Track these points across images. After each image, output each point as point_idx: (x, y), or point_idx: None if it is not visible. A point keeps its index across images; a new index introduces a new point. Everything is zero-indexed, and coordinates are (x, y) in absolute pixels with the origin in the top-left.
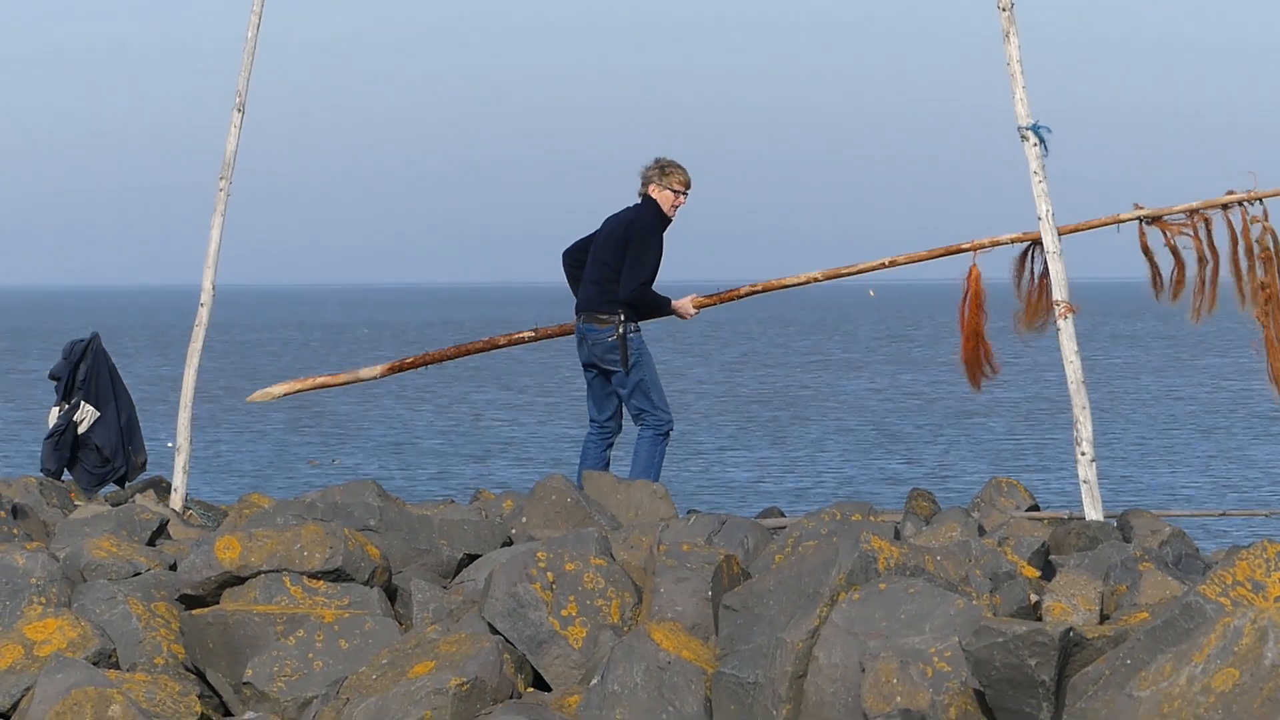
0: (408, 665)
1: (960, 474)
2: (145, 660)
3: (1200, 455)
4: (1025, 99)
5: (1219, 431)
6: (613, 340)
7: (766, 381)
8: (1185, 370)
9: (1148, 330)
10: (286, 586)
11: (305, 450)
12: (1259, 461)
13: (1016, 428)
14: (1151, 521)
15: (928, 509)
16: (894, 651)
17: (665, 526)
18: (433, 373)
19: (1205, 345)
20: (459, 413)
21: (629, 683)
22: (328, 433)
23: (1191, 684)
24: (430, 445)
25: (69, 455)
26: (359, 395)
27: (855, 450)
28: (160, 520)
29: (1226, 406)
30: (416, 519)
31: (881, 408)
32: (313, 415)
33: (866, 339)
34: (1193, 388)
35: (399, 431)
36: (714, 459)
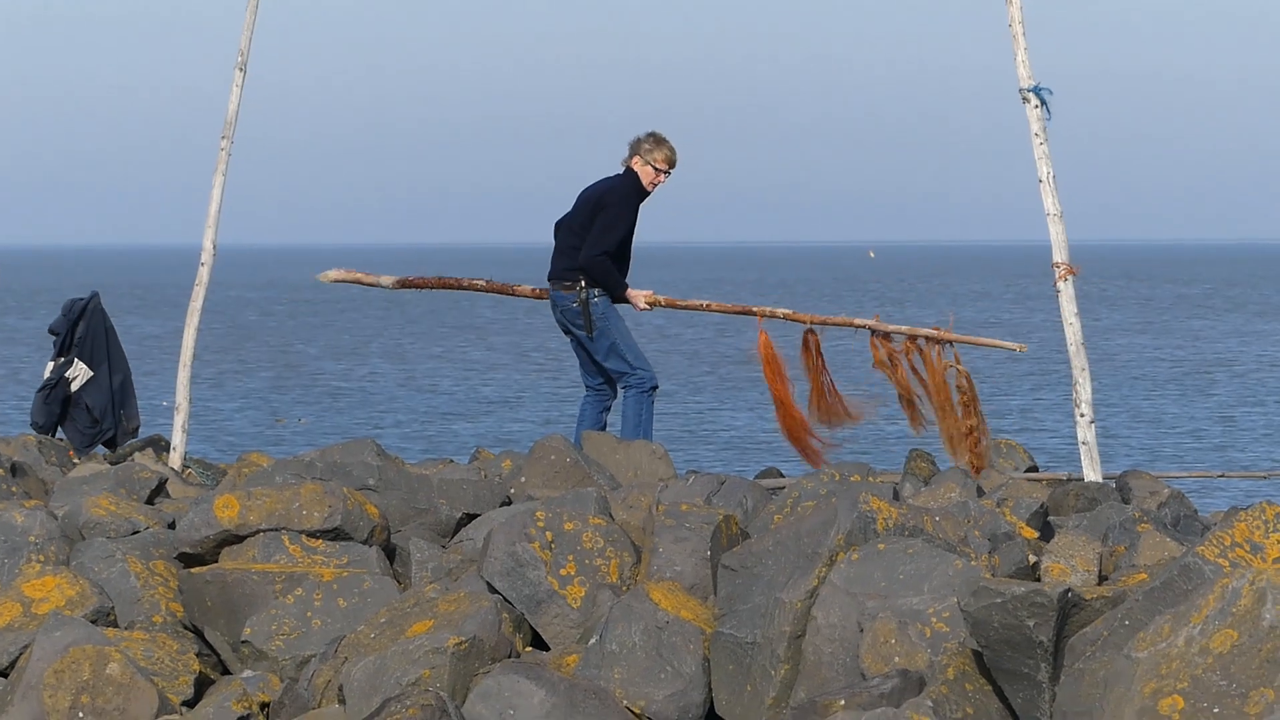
0: (406, 624)
1: None
2: (143, 618)
3: (1198, 417)
4: (1027, 61)
5: (1216, 392)
6: (576, 306)
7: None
8: (1175, 332)
9: (1134, 293)
10: (285, 545)
11: (302, 411)
12: (1258, 423)
13: (1012, 388)
14: (1150, 483)
15: (926, 470)
16: (892, 612)
17: (664, 486)
18: (425, 331)
19: (1198, 307)
20: (452, 372)
21: (627, 642)
22: (320, 393)
23: (1190, 645)
24: (426, 404)
25: (59, 411)
26: (351, 355)
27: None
28: (159, 479)
29: (1221, 368)
30: (415, 478)
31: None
32: (309, 375)
33: (865, 299)
34: (1185, 349)
35: (394, 391)
36: (712, 419)
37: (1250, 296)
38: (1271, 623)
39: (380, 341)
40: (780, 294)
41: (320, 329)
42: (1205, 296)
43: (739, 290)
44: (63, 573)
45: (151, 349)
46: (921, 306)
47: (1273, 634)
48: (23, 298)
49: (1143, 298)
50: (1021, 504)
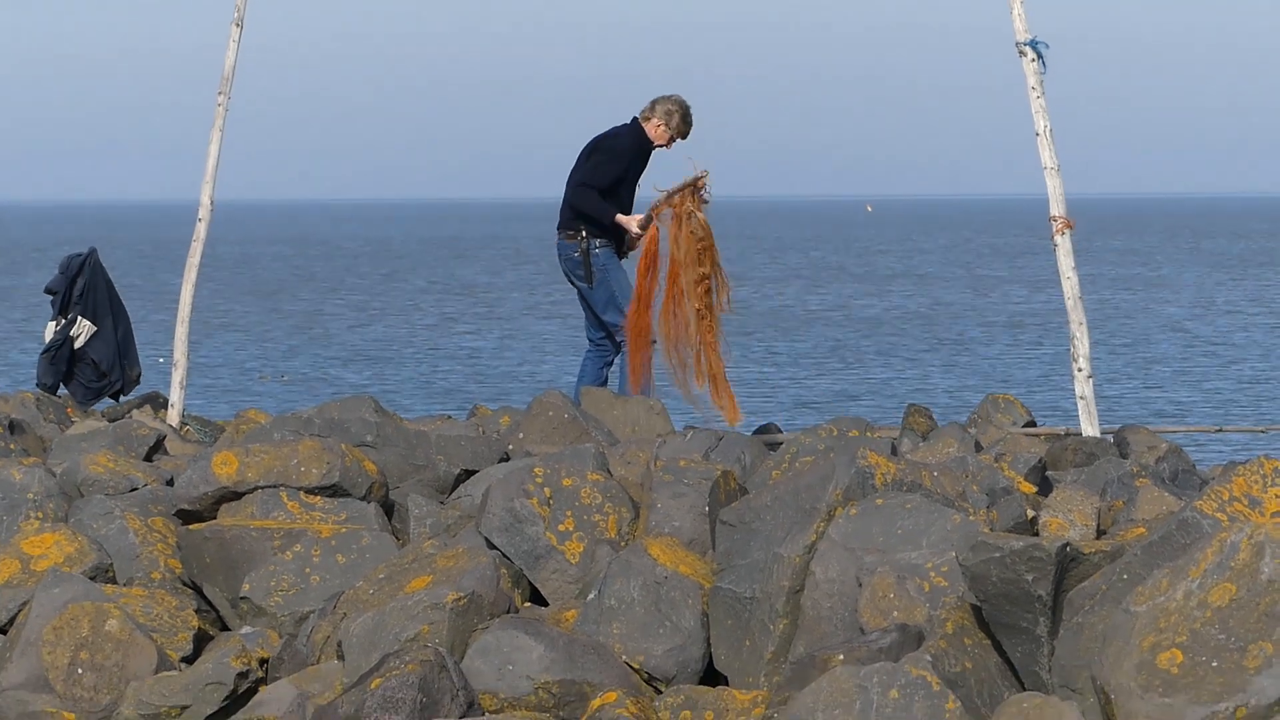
0: (405, 580)
1: (957, 390)
2: (142, 575)
3: (1195, 371)
4: (1023, 14)
5: (1216, 347)
6: (577, 256)
7: (760, 299)
8: (1169, 285)
9: (1132, 245)
10: (283, 502)
11: (297, 367)
12: (1255, 377)
13: (1010, 342)
14: (1148, 438)
15: (925, 425)
16: (891, 566)
17: (662, 442)
18: (424, 289)
19: (1197, 259)
20: (450, 329)
21: (626, 597)
22: (320, 349)
23: (1188, 599)
24: (425, 361)
25: (65, 369)
26: (354, 313)
27: (851, 367)
28: (157, 436)
29: (1219, 321)
30: (413, 435)
31: (875, 323)
32: (311, 338)
33: (859, 253)
34: (1179, 303)
35: (390, 347)
36: None
37: (1243, 248)
38: (1270, 576)
39: (381, 299)
40: (776, 252)
41: (317, 285)
42: (1199, 250)
43: (744, 245)
44: (61, 529)
45: (147, 303)
46: (917, 261)
47: (1271, 588)
48: (24, 253)
49: (1135, 250)
50: (1019, 459)
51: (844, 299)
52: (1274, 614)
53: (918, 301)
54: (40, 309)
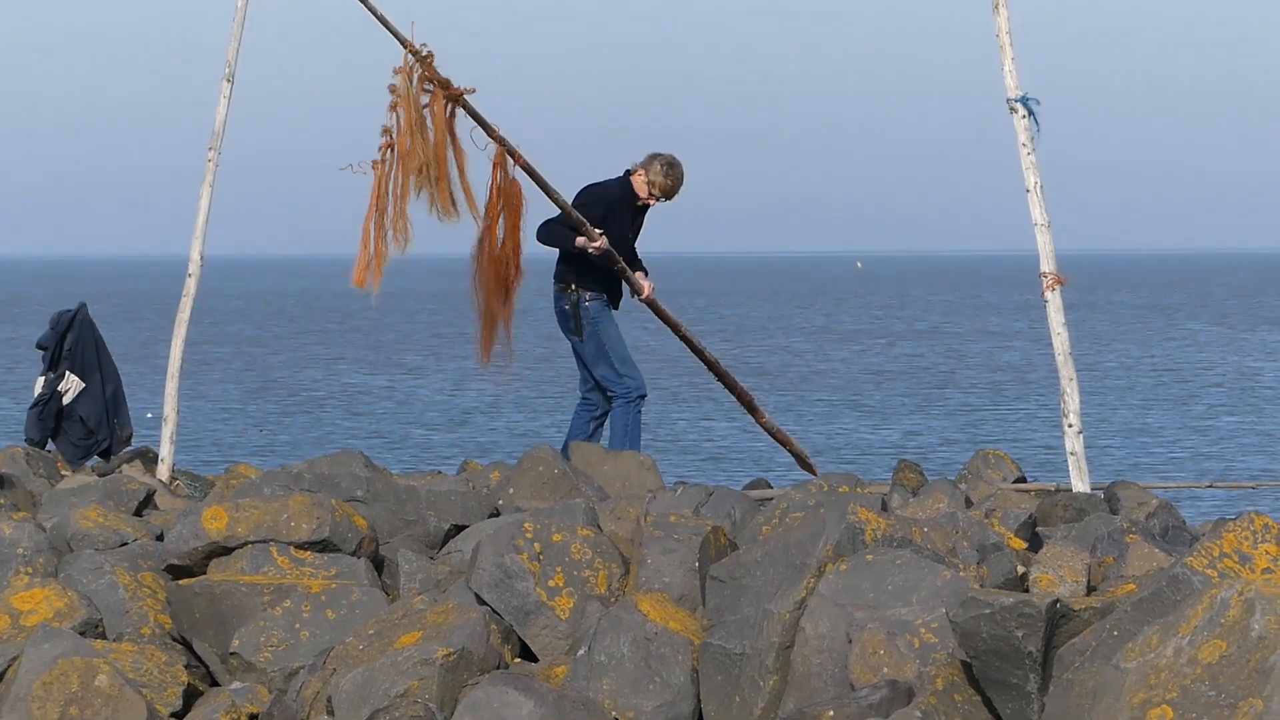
0: (395, 636)
1: (947, 446)
2: (132, 630)
3: (1184, 426)
4: (1014, 71)
5: (1202, 402)
6: (568, 308)
7: (750, 353)
8: (1162, 341)
9: (1114, 300)
10: (273, 557)
11: (287, 422)
12: (1244, 433)
13: (1000, 398)
14: (1139, 493)
15: (915, 480)
16: (881, 623)
17: (652, 498)
18: (402, 340)
19: (1182, 313)
20: (433, 382)
21: (616, 653)
22: (303, 403)
23: (1178, 655)
24: (409, 415)
25: (53, 425)
26: (332, 364)
27: (840, 422)
28: (147, 490)
29: (1207, 376)
30: (403, 490)
31: (865, 379)
32: (291, 391)
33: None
34: (1169, 359)
35: (379, 402)
36: (701, 430)
37: (1234, 306)
38: (1260, 633)
39: (360, 350)
40: (767, 302)
41: (301, 338)
42: (1189, 306)
43: (725, 300)
44: (51, 584)
45: (136, 359)
46: (911, 319)
47: (1261, 644)
48: (25, 307)
49: (1128, 307)
50: (1010, 515)
51: (833, 355)
52: (1264, 670)
53: (908, 357)
54: (30, 363)
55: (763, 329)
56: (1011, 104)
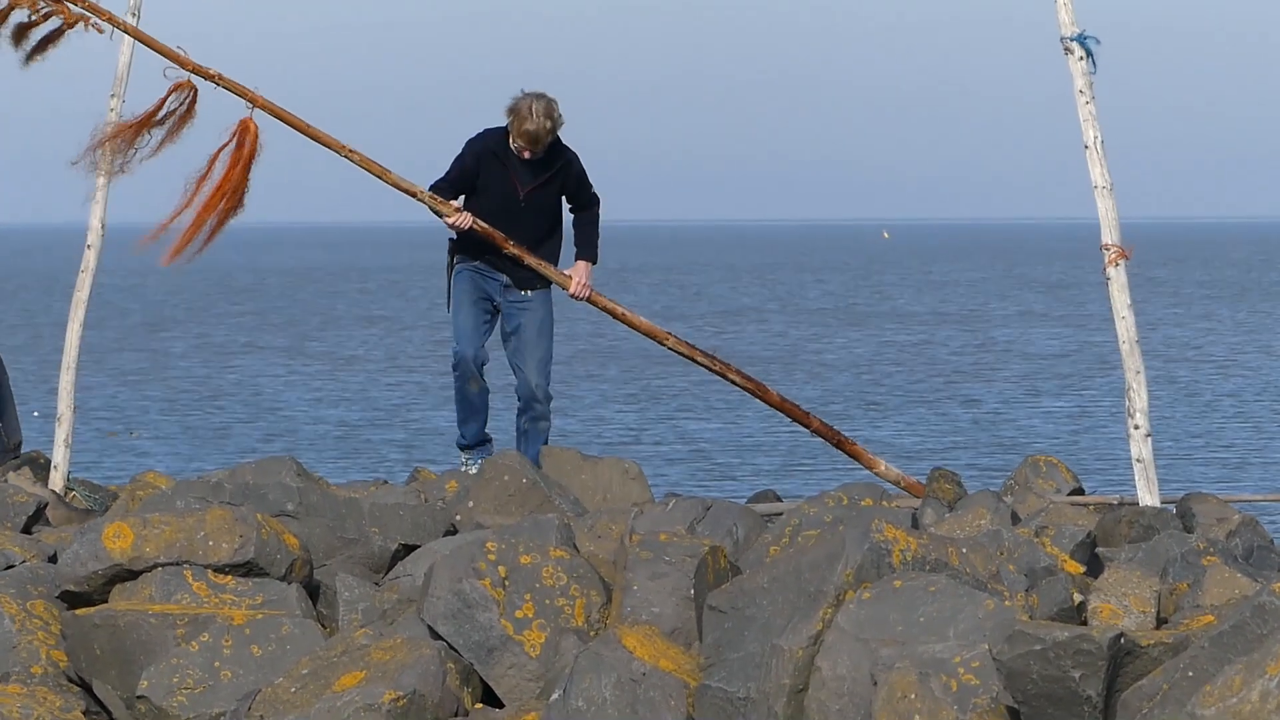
0: (333, 676)
1: (991, 451)
2: (20, 669)
3: (1270, 429)
4: (1070, 5)
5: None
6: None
7: (755, 338)
8: (1238, 327)
9: (1183, 278)
10: (188, 582)
11: (210, 422)
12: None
13: (1054, 395)
14: (1218, 508)
15: (951, 492)
16: (912, 661)
17: (639, 512)
18: (330, 323)
19: (1256, 293)
20: (374, 375)
21: (596, 697)
22: (234, 405)
23: (1265, 700)
24: (345, 413)
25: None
26: (279, 370)
27: (864, 422)
28: (37, 503)
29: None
30: (343, 503)
31: (892, 370)
32: (213, 389)
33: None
34: (1248, 346)
35: (309, 401)
36: (697, 433)
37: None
38: None
39: (280, 336)
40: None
41: (222, 322)
42: (1267, 283)
43: (738, 273)
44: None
45: (18, 348)
46: (969, 300)
47: None
48: None
49: (1196, 285)
50: (1064, 532)
51: (855, 340)
52: None
53: (943, 345)
54: None
55: (764, 310)
56: (1066, 43)
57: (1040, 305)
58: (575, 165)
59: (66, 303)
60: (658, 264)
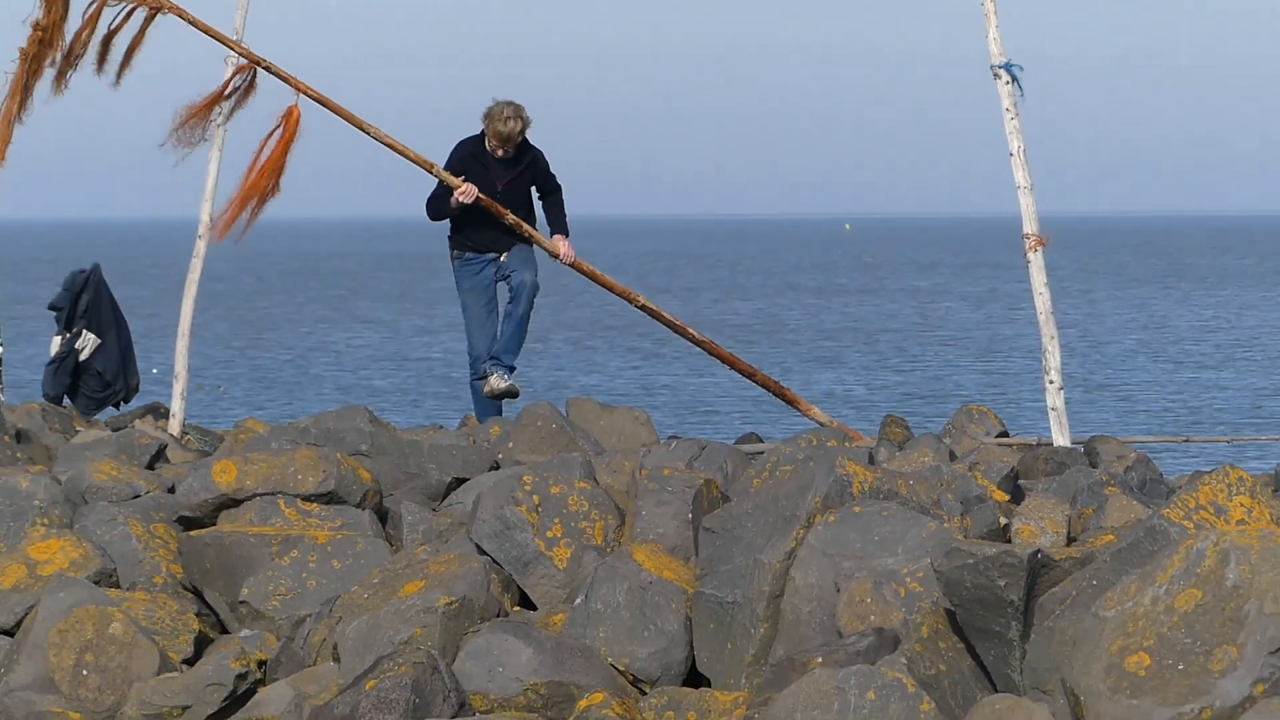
0: (398, 585)
1: (932, 401)
2: (145, 580)
3: (1163, 383)
4: (998, 38)
5: (1180, 359)
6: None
7: (739, 310)
8: (1140, 300)
9: (1092, 261)
10: (281, 509)
11: (292, 378)
12: (1221, 389)
13: (984, 355)
14: (1117, 447)
15: (900, 435)
16: (868, 572)
17: (647, 451)
18: (394, 300)
19: (1158, 274)
20: (432, 340)
21: (612, 602)
22: (316, 365)
23: (1155, 604)
24: (407, 374)
25: (69, 381)
26: (352, 336)
27: (829, 378)
28: (159, 445)
29: (1185, 334)
30: (406, 444)
31: (853, 337)
32: (298, 353)
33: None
34: (1148, 318)
35: (378, 362)
36: (694, 386)
37: (1209, 267)
38: (1234, 582)
39: (356, 308)
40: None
41: (301, 297)
42: (1165, 266)
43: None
44: (66, 536)
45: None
46: (917, 281)
47: (1235, 593)
48: (21, 268)
49: (1108, 267)
50: (992, 468)
51: (821, 313)
52: (1239, 619)
53: (895, 316)
54: (45, 323)
55: (750, 288)
56: (996, 70)
57: (977, 286)
58: (541, 160)
59: (162, 285)
60: (637, 250)
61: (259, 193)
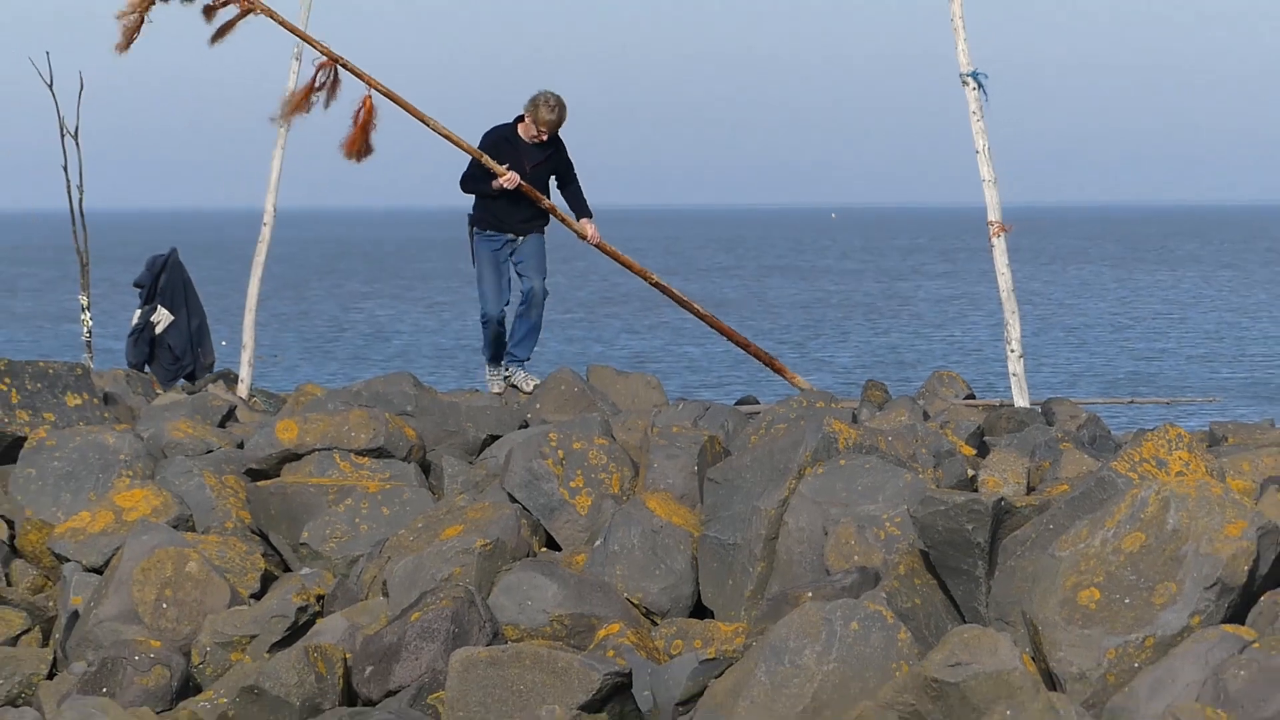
0: (440, 529)
1: (909, 367)
2: (217, 524)
3: (1112, 352)
4: (966, 49)
5: (1128, 331)
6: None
7: (727, 288)
8: (1093, 279)
9: (1049, 246)
10: (337, 462)
11: (343, 349)
12: (1164, 356)
13: (954, 327)
14: (1071, 408)
15: (880, 397)
16: (852, 518)
17: (658, 412)
18: (429, 278)
19: (1108, 254)
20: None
21: (627, 544)
22: (365, 336)
23: (1104, 545)
24: (446, 341)
25: (148, 351)
26: (395, 310)
27: (818, 347)
28: (229, 406)
29: (1131, 309)
30: (446, 405)
31: (839, 310)
32: (346, 324)
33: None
34: (1102, 293)
35: (422, 332)
36: (699, 355)
37: (1156, 251)
38: (1174, 526)
39: (395, 285)
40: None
41: (354, 279)
42: (1118, 250)
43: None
44: (148, 486)
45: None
46: (899, 262)
47: (1175, 536)
48: (109, 250)
49: (1066, 251)
50: (961, 426)
51: (810, 291)
52: (1177, 558)
53: (876, 293)
54: (130, 301)
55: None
56: (964, 78)
57: (950, 266)
58: (564, 150)
59: (229, 266)
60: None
61: (358, 148)
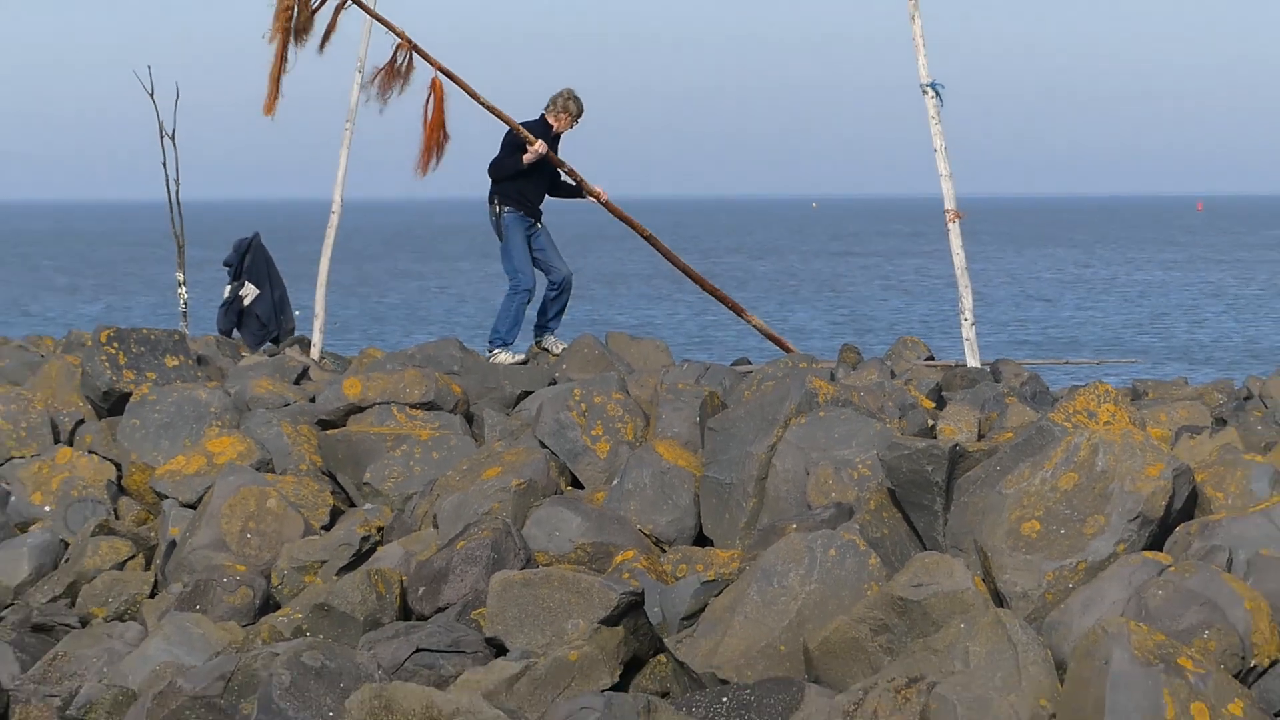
0: (481, 470)
1: (878, 332)
2: (293, 467)
3: (1050, 320)
4: (925, 63)
5: (1062, 301)
6: (494, 220)
7: (732, 267)
8: (1034, 258)
9: (988, 229)
10: (394, 414)
11: (404, 316)
12: (1094, 323)
13: (916, 300)
14: (1015, 368)
15: (854, 359)
16: (830, 461)
17: (666, 371)
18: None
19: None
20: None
21: (640, 483)
22: (417, 305)
23: (1043, 484)
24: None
25: (236, 320)
26: (442, 285)
27: (801, 312)
28: (303, 366)
29: (1066, 282)
30: (487, 366)
31: (821, 284)
32: (406, 296)
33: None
34: (1045, 269)
35: (464, 302)
36: (700, 324)
37: (1088, 235)
38: (1102, 468)
39: (434, 265)
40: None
41: (405, 257)
42: (1059, 235)
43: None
44: (235, 434)
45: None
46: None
47: (1103, 476)
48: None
49: (1013, 235)
50: (922, 383)
51: (795, 268)
52: (1105, 495)
53: (852, 271)
54: (220, 277)
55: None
56: (923, 87)
57: (914, 248)
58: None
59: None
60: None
61: (435, 143)
